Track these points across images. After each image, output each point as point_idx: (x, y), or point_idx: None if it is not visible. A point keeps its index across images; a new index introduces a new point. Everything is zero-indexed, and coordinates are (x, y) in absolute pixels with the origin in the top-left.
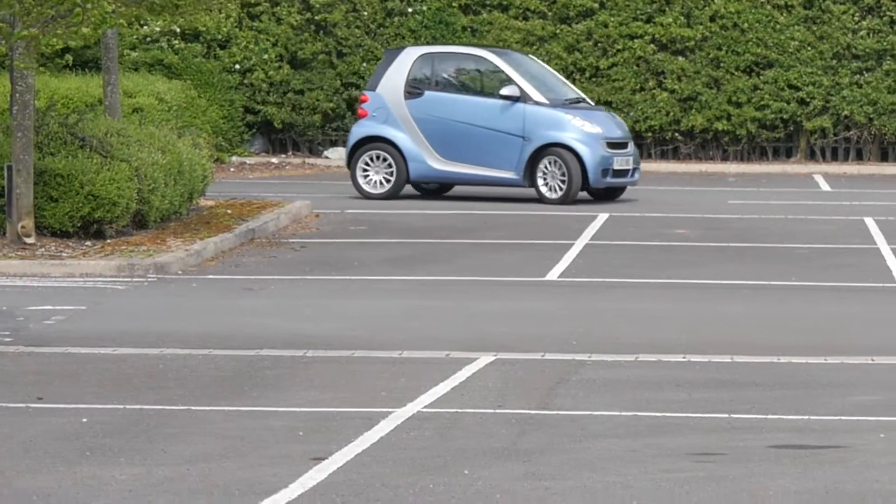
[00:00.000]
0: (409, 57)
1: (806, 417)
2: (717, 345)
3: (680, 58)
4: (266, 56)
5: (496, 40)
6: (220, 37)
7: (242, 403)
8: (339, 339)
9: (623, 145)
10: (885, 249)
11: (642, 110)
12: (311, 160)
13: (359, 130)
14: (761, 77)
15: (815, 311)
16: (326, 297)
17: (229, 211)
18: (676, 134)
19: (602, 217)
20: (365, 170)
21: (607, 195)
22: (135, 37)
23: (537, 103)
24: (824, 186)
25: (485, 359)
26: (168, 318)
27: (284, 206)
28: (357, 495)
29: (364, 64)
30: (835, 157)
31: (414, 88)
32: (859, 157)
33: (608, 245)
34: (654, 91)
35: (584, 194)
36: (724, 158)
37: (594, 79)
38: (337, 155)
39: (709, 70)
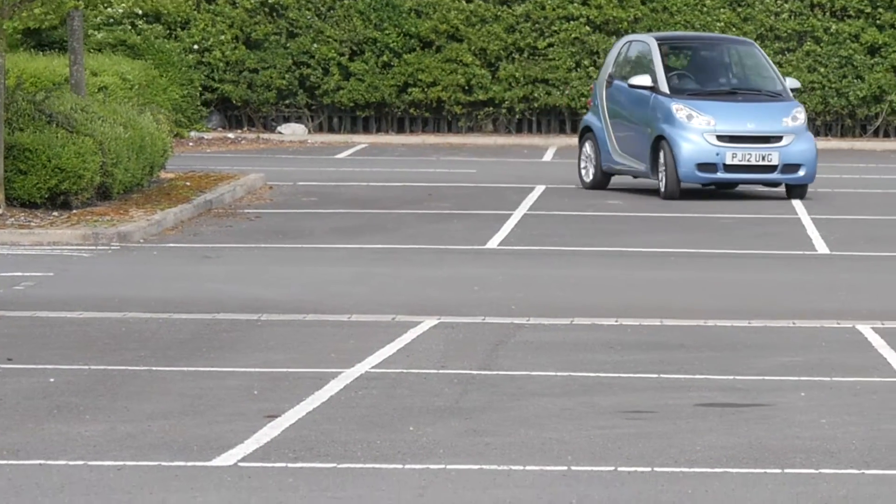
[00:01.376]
0: (618, 44)
1: (731, 377)
2: (647, 309)
3: (613, 38)
4: (223, 37)
5: (440, 21)
6: (179, 19)
7: (200, 364)
8: (292, 304)
9: (755, 139)
10: (805, 220)
11: (577, 88)
12: (266, 135)
13: (583, 121)
14: None
15: (740, 277)
16: (279, 264)
17: (188, 183)
18: None
19: (539, 189)
20: (584, 159)
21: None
22: (99, 19)
23: (660, 93)
24: None
25: (429, 322)
26: (130, 284)
27: (240, 178)
28: (308, 450)
29: (314, 44)
30: None
31: (611, 77)
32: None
33: (545, 215)
34: (588, 69)
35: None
36: None
37: (532, 58)
38: (290, 130)
39: None
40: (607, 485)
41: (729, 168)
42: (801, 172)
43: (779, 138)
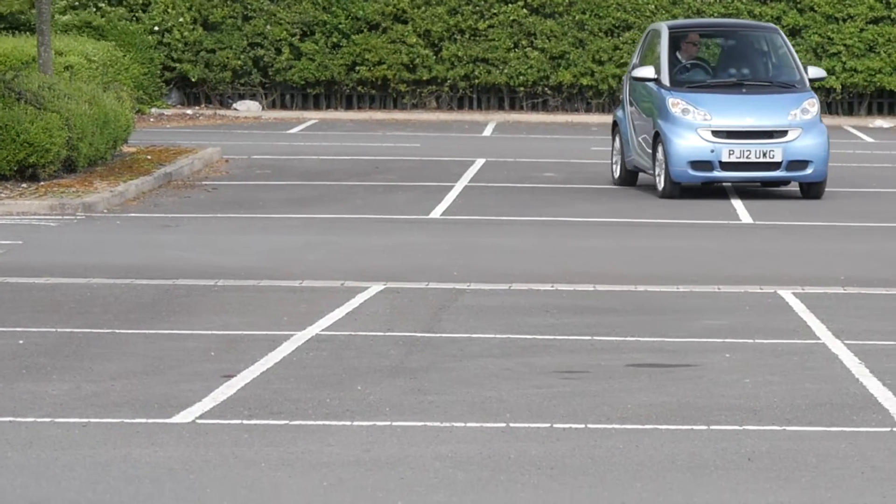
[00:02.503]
0: (645, 32)
1: (660, 339)
2: (581, 275)
3: (549, 20)
4: (181, 19)
5: (386, 4)
6: (141, 2)
7: (161, 327)
8: (247, 270)
9: (756, 134)
10: (730, 191)
11: (515, 67)
12: (222, 112)
13: (614, 113)
14: (621, 38)
15: (669, 245)
16: (235, 232)
17: (149, 157)
18: (546, 88)
19: (479, 162)
20: (614, 154)
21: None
22: (65, 2)
23: (662, 85)
24: None
25: (375, 288)
26: (95, 251)
27: (198, 152)
28: (263, 408)
29: (268, 26)
30: None
31: (633, 68)
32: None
33: (485, 187)
34: (526, 50)
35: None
36: (588, 110)
37: (473, 39)
38: (245, 107)
39: (575, 32)
40: (543, 441)
41: (726, 166)
42: (809, 170)
43: (783, 133)
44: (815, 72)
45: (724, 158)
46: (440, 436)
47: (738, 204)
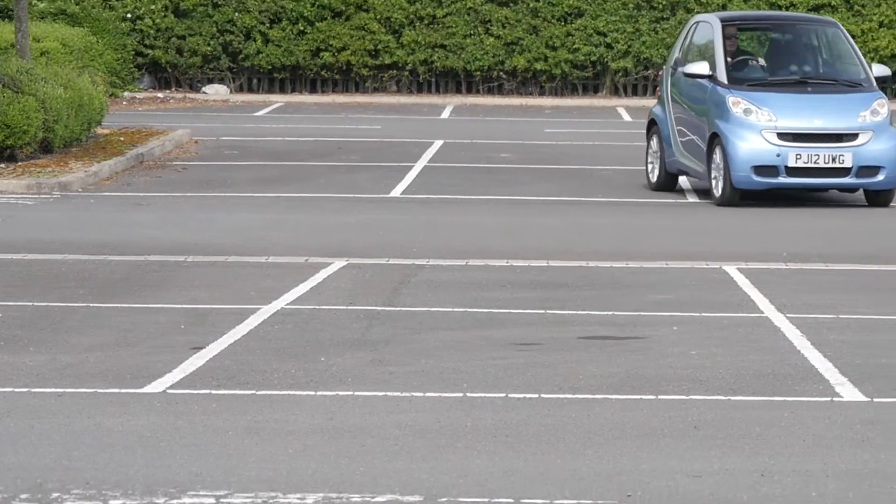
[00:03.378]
0: (687, 25)
1: (610, 313)
2: (535, 251)
3: (504, 8)
4: (153, 6)
5: None
6: None
7: (133, 301)
8: (215, 247)
9: (825, 137)
10: None
11: (472, 53)
12: (192, 95)
13: (650, 111)
14: (573, 24)
15: (619, 223)
16: (204, 210)
17: (122, 138)
18: (501, 73)
19: (438, 143)
20: (650, 155)
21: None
22: None
23: (718, 83)
24: (626, 117)
25: (338, 263)
26: (70, 228)
27: (169, 134)
28: (230, 378)
29: (237, 14)
30: (635, 93)
31: (676, 63)
32: (656, 92)
33: (443, 167)
34: (482, 37)
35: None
36: (542, 94)
37: (431, 26)
38: (213, 91)
39: (529, 19)
40: (499, 410)
41: (792, 171)
42: (881, 176)
43: (854, 136)
44: (879, 70)
45: (791, 163)
46: (400, 405)
47: (685, 184)
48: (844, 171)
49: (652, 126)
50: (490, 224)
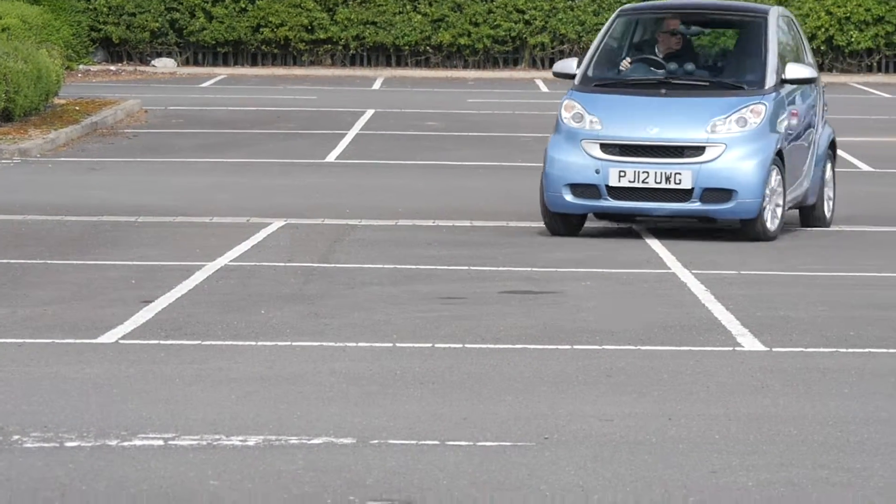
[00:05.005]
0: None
1: (528, 269)
2: (459, 212)
3: None
4: None
5: None
6: None
7: (88, 258)
8: (164, 208)
9: (659, 151)
10: None
11: (401, 29)
12: (142, 68)
13: None
14: (494, 2)
15: (536, 185)
16: (153, 174)
17: (77, 108)
18: (428, 48)
19: (369, 112)
20: None
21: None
22: None
23: (574, 83)
24: (543, 88)
25: (277, 223)
26: (29, 191)
27: (120, 104)
28: (177, 329)
29: None
30: (552, 66)
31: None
32: None
33: (374, 134)
34: (410, 14)
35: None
36: (465, 67)
37: (363, 4)
38: (162, 64)
39: None
40: (426, 358)
41: (616, 192)
42: (732, 202)
43: (699, 150)
44: (795, 70)
45: (613, 182)
46: (335, 355)
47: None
48: (684, 194)
49: None
50: (418, 187)
